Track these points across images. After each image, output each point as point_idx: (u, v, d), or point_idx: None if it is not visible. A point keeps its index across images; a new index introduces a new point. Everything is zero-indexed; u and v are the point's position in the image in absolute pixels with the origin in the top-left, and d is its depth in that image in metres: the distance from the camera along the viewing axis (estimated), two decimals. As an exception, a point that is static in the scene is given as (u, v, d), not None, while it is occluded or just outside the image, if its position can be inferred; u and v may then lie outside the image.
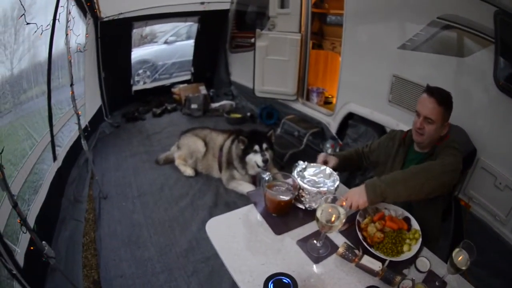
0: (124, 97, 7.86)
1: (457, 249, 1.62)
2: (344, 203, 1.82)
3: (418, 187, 1.98)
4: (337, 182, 2.14)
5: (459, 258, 1.60)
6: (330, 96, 6.48)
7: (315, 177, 2.20)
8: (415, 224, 2.00)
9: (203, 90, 8.03)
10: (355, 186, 2.11)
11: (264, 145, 4.24)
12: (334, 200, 1.83)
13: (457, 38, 3.28)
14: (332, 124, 5.40)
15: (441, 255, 1.96)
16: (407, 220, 2.03)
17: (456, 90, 3.10)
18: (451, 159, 2.12)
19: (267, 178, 2.17)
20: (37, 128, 3.92)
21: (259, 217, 2.14)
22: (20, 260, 2.69)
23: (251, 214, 2.18)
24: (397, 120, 4.07)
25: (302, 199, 2.14)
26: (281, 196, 2.07)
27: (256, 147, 4.21)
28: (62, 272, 2.74)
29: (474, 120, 3.10)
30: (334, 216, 1.76)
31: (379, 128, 4.42)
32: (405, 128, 2.63)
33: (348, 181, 4.24)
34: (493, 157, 3.02)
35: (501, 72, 2.89)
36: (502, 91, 2.88)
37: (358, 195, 1.95)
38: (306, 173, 2.23)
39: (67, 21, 4.01)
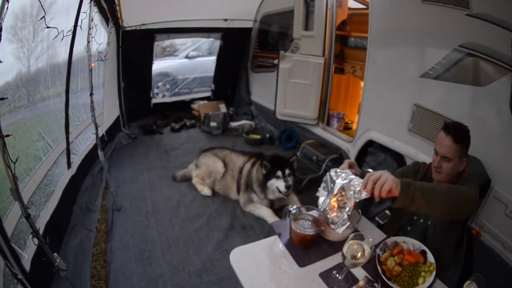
0: (143, 109, 7.89)
1: (467, 282, 1.65)
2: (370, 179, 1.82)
3: (446, 204, 1.93)
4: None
5: None
6: (350, 122, 6.42)
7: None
8: (430, 257, 1.99)
9: (223, 108, 8.06)
10: (372, 215, 2.12)
11: (287, 171, 4.19)
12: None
13: (477, 66, 3.26)
14: (352, 150, 5.33)
15: (451, 283, 1.99)
16: (423, 253, 2.02)
17: (475, 120, 3.17)
18: (474, 191, 2.13)
19: (293, 212, 2.17)
20: (51, 132, 3.92)
21: (283, 248, 2.12)
22: (27, 264, 2.66)
23: (275, 245, 2.16)
24: (416, 150, 4.00)
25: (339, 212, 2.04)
26: (307, 230, 2.07)
27: (279, 173, 4.17)
28: (70, 281, 2.75)
29: (490, 150, 3.07)
30: (359, 253, 1.77)
31: (398, 157, 4.36)
32: (424, 158, 2.62)
33: (365, 208, 4.17)
34: (505, 186, 2.99)
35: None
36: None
37: (392, 178, 1.83)
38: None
39: (89, 28, 4.02)
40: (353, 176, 1.97)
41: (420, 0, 3.73)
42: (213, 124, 7.34)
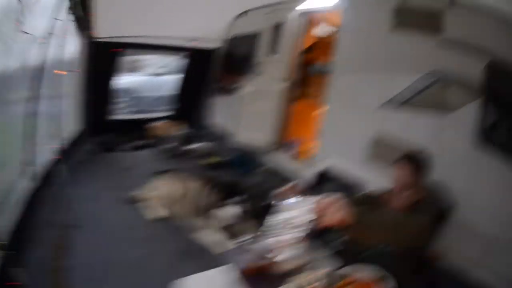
0: (104, 125, 7.78)
1: None
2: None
3: (394, 238, 2.01)
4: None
5: None
6: (307, 149, 6.45)
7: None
8: (388, 284, 2.00)
9: (182, 129, 8.05)
10: (327, 241, 2.18)
11: (242, 197, 4.25)
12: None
13: (445, 93, 3.36)
14: (310, 177, 5.33)
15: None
16: (379, 281, 2.04)
17: (439, 146, 3.23)
18: (425, 224, 2.24)
19: (245, 241, 2.26)
20: (15, 140, 3.83)
21: (235, 278, 2.13)
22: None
23: (227, 274, 2.17)
24: (376, 177, 3.96)
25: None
26: (259, 260, 2.13)
27: (233, 199, 4.22)
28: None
29: (453, 175, 3.13)
30: (311, 283, 1.85)
31: (357, 185, 4.40)
32: (384, 185, 2.70)
33: (319, 235, 4.19)
34: (468, 208, 3.03)
35: (483, 126, 3.01)
36: (483, 144, 2.99)
37: (341, 211, 1.88)
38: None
39: (61, 36, 4.00)
40: (301, 202, 2.02)
41: (390, 25, 3.86)
42: (172, 145, 7.33)
